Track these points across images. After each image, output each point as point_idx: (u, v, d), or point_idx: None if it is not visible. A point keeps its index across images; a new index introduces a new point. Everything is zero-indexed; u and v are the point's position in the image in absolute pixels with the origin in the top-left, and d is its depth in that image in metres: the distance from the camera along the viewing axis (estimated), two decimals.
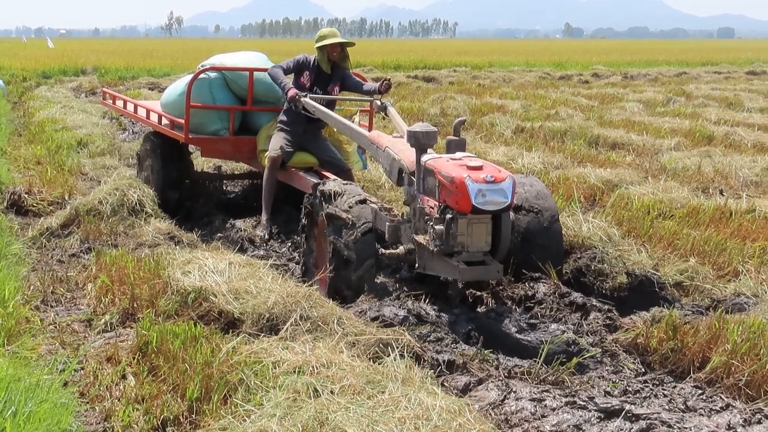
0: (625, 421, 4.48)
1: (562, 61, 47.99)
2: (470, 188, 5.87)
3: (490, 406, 4.72)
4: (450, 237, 6.05)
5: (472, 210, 5.93)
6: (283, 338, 5.31)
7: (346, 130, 8.19)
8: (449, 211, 6.07)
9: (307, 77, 8.96)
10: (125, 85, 28.39)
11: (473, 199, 5.89)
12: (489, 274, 6.26)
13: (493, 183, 5.93)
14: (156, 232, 8.31)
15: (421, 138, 6.50)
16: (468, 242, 6.10)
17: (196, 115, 9.34)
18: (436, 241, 6.14)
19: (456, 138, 6.63)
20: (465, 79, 31.98)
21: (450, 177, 6.00)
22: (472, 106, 20.22)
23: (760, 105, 21.20)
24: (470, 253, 6.14)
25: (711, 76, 35.83)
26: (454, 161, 6.23)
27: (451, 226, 6.04)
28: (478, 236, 6.11)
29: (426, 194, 6.44)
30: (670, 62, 49.10)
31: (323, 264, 6.86)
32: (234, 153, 9.72)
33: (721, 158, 12.54)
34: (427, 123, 6.86)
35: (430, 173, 6.34)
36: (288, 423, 4.07)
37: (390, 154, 7.12)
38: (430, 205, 6.35)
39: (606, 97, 23.47)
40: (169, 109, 9.96)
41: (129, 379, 5.12)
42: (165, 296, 6.23)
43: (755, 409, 4.71)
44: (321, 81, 9.02)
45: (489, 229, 6.15)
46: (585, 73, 36.31)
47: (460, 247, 6.10)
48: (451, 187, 5.98)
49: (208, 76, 9.50)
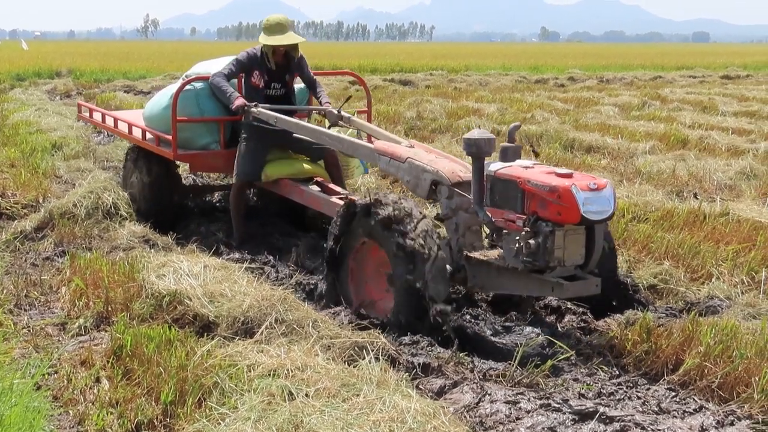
0: (599, 423, 4.49)
1: (538, 65, 48.13)
2: (578, 197, 5.41)
3: (464, 409, 4.72)
4: (546, 251, 5.55)
5: (581, 221, 5.48)
6: (258, 341, 5.30)
7: (335, 142, 7.63)
8: (544, 223, 5.55)
9: (259, 76, 8.39)
10: (100, 88, 28.24)
11: (581, 209, 5.44)
12: (588, 289, 5.82)
13: (597, 191, 5.52)
14: (131, 235, 8.26)
15: (483, 146, 5.91)
16: (564, 256, 5.62)
17: (184, 129, 8.69)
18: (523, 257, 5.62)
19: (512, 145, 6.08)
20: (441, 83, 32.01)
21: (549, 186, 5.49)
22: (449, 109, 20.23)
23: (734, 109, 21.31)
24: (565, 267, 5.70)
25: (686, 80, 36.01)
26: (536, 169, 5.76)
27: (547, 240, 5.53)
28: (574, 249, 5.66)
29: (497, 206, 5.88)
30: (646, 66, 49.30)
31: (366, 297, 6.35)
32: (227, 166, 8.89)
33: (695, 162, 12.60)
34: (483, 129, 6.26)
35: (506, 183, 5.80)
36: (263, 426, 4.07)
37: (417, 166, 6.58)
38: (507, 218, 5.80)
39: (582, 101, 23.54)
40: (153, 123, 9.19)
41: (103, 383, 5.10)
42: (139, 299, 6.21)
43: (728, 410, 4.74)
44: (277, 75, 8.46)
45: (584, 240, 5.71)
46: (561, 77, 36.40)
47: (556, 262, 5.61)
48: (551, 197, 5.47)
49: (193, 87, 8.76)
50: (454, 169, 6.42)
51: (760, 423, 4.59)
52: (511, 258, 5.77)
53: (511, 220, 5.77)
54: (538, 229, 5.55)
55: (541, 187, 5.53)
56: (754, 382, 4.82)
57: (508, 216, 5.79)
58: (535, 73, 40.42)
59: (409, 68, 41.94)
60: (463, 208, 6.24)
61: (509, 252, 5.76)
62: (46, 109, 19.86)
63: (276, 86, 8.46)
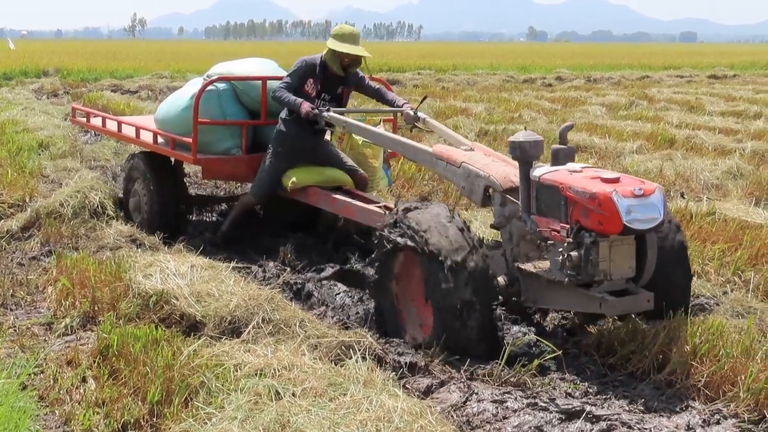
0: (586, 422, 4.50)
1: (526, 65, 48.16)
2: (619, 205, 5.02)
3: (451, 408, 4.73)
4: (589, 264, 5.18)
5: (623, 230, 5.10)
6: (245, 341, 5.30)
7: (397, 146, 7.29)
8: (586, 233, 5.18)
9: (312, 85, 8.00)
10: (87, 87, 28.13)
11: (623, 218, 5.04)
12: (639, 305, 5.43)
13: (643, 197, 5.11)
14: (117, 235, 8.23)
15: (528, 149, 5.54)
16: (611, 269, 5.27)
17: (205, 132, 8.24)
18: (567, 270, 5.25)
19: (564, 146, 5.64)
20: (429, 82, 32.01)
21: (589, 193, 5.11)
22: (436, 108, 20.24)
23: (721, 109, 21.38)
24: (612, 281, 5.33)
25: (673, 80, 36.11)
26: (580, 173, 5.37)
27: (590, 252, 5.16)
28: (622, 261, 5.29)
29: (542, 215, 5.51)
30: (633, 66, 49.40)
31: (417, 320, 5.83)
32: (247, 173, 8.44)
33: (682, 161, 12.63)
34: (530, 131, 5.81)
35: (549, 190, 5.42)
36: (249, 426, 4.06)
37: (471, 170, 6.15)
38: (552, 228, 5.41)
39: (569, 101, 23.57)
40: (168, 126, 8.66)
41: (89, 383, 5.08)
42: (126, 299, 6.19)
43: (714, 409, 4.75)
44: (330, 85, 8.09)
45: (633, 251, 5.35)
46: (548, 77, 36.45)
47: (602, 276, 5.24)
48: (591, 205, 5.10)
49: (216, 87, 8.36)
50: (507, 174, 5.99)
51: (746, 422, 4.60)
52: (555, 271, 5.39)
53: (556, 229, 5.38)
54: (580, 240, 5.19)
55: (582, 194, 5.16)
56: (740, 381, 4.83)
57: (553, 225, 5.41)
58: (523, 72, 40.48)
59: (397, 68, 41.91)
60: (517, 216, 5.82)
61: (554, 264, 5.40)
62: (33, 108, 19.80)
63: (326, 97, 8.06)
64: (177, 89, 9.69)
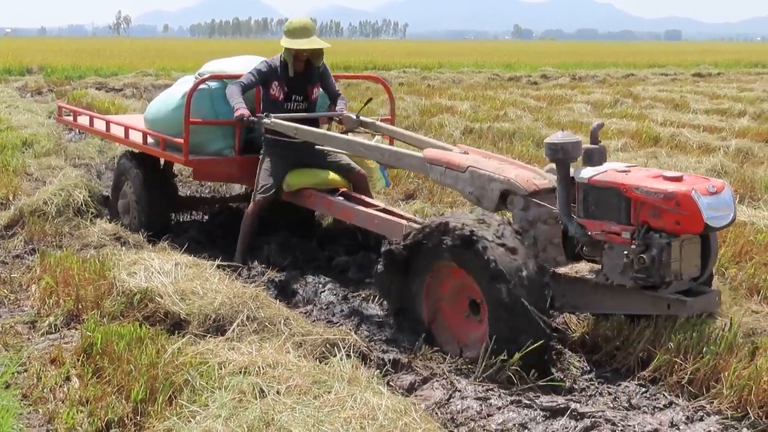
0: (570, 419, 4.51)
1: (511, 63, 48.22)
2: (700, 203, 4.96)
3: (435, 406, 4.74)
4: (661, 265, 5.08)
5: (705, 229, 5.07)
6: (230, 339, 5.30)
7: (374, 152, 6.99)
8: (657, 234, 5.10)
9: (278, 87, 7.76)
10: (72, 85, 28.06)
11: (704, 216, 4.99)
12: (712, 305, 5.42)
13: (717, 194, 5.08)
14: (102, 233, 8.20)
15: (571, 150, 5.40)
16: (681, 269, 5.19)
17: (195, 132, 8.00)
18: (633, 273, 5.17)
19: (597, 146, 5.52)
20: (415, 80, 32.05)
21: (665, 193, 5.01)
22: (422, 107, 20.25)
23: (705, 107, 21.45)
24: (681, 281, 5.25)
25: (658, 78, 36.24)
26: (637, 173, 5.32)
27: (663, 253, 5.06)
28: (690, 260, 5.24)
29: (593, 217, 5.37)
30: (618, 64, 49.53)
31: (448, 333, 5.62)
32: (240, 175, 8.29)
33: (666, 159, 12.65)
34: (567, 131, 5.68)
35: (605, 191, 5.30)
36: (233, 424, 4.05)
37: (483, 175, 5.92)
38: (608, 231, 5.30)
39: (554, 99, 23.62)
40: (159, 126, 8.48)
41: (73, 381, 5.07)
42: (110, 297, 6.18)
43: (697, 406, 4.77)
44: (297, 86, 7.84)
45: (699, 250, 5.30)
46: (534, 75, 36.54)
47: (672, 276, 5.16)
48: (667, 205, 4.99)
49: (208, 86, 8.10)
50: (528, 177, 5.84)
51: (729, 418, 4.62)
52: (616, 275, 5.27)
53: (615, 232, 5.26)
54: (650, 242, 5.10)
55: (654, 194, 5.05)
56: (723, 378, 4.84)
57: (610, 228, 5.29)
58: (508, 70, 40.55)
59: (383, 66, 41.98)
60: (542, 220, 5.72)
61: (614, 268, 5.27)
62: (17, 106, 19.76)
63: (297, 98, 7.85)
64: (162, 87, 9.69)
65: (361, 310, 6.52)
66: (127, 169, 8.81)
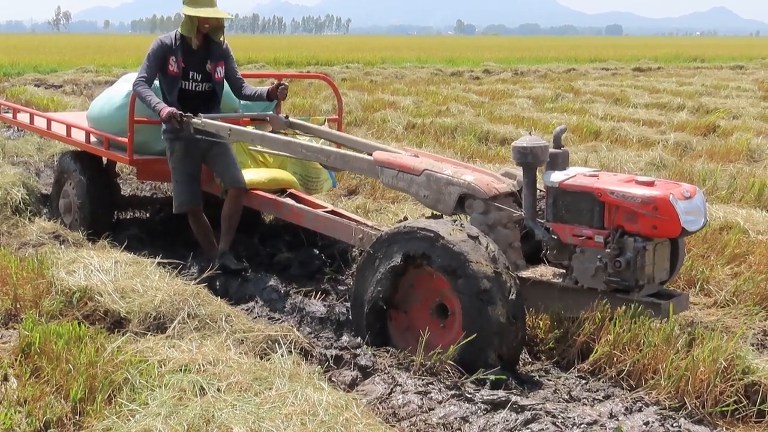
0: (510, 412, 4.53)
1: (453, 58, 48.47)
2: (677, 208, 5.06)
3: (377, 400, 4.74)
4: (636, 269, 5.18)
5: (681, 233, 5.18)
6: (170, 336, 5.28)
7: (317, 155, 6.66)
8: (632, 238, 5.17)
9: (175, 62, 7.21)
10: (10, 82, 27.71)
11: (682, 220, 5.09)
12: (684, 306, 5.59)
13: (691, 199, 5.20)
14: (40, 231, 8.08)
15: (540, 154, 5.44)
16: (654, 272, 5.29)
17: (141, 131, 7.78)
18: (607, 277, 5.24)
19: (561, 150, 5.56)
20: (357, 76, 32.06)
21: (642, 197, 5.11)
22: (364, 102, 20.26)
23: (645, 101, 21.70)
24: (652, 284, 5.34)
25: (599, 73, 36.62)
26: (611, 178, 5.39)
27: (638, 256, 5.15)
28: (661, 263, 5.33)
29: (563, 222, 5.40)
30: (560, 59, 49.97)
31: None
32: None
33: (606, 153, 12.80)
34: (535, 135, 5.71)
35: (577, 195, 5.33)
36: (173, 422, 4.03)
37: (439, 179, 5.83)
38: (579, 235, 5.34)
39: (496, 93, 23.76)
40: (102, 124, 8.26)
41: (11, 381, 5.00)
42: (49, 296, 6.10)
43: (636, 397, 4.81)
44: (196, 62, 7.29)
45: (669, 253, 5.40)
46: (476, 70, 36.72)
47: (645, 279, 5.25)
48: (644, 209, 5.08)
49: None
50: (488, 181, 5.81)
51: (667, 409, 4.67)
52: (587, 278, 5.34)
53: (587, 236, 5.30)
54: (624, 245, 5.18)
55: (631, 198, 5.13)
56: (661, 369, 4.90)
57: (581, 232, 5.32)
58: (451, 65, 40.74)
59: (325, 61, 41.92)
60: (502, 224, 5.72)
61: (585, 272, 5.33)
62: None
63: (196, 77, 7.34)
64: (103, 84, 9.59)
65: (303, 307, 6.52)
66: (69, 167, 8.59)
